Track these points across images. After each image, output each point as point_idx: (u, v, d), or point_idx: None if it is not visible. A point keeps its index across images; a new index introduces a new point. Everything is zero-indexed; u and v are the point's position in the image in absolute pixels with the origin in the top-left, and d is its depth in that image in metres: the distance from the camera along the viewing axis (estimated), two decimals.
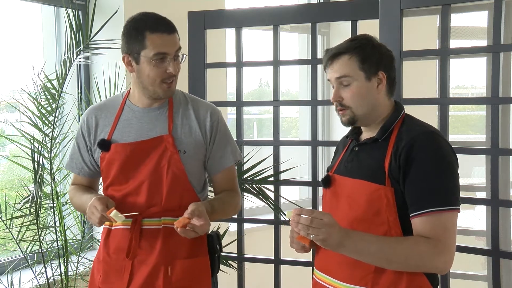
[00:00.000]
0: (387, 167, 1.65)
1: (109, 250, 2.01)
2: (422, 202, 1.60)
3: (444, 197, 1.61)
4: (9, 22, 3.23)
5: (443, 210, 1.59)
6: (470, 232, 3.47)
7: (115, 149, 1.98)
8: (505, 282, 2.54)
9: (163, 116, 2.00)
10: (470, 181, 5.99)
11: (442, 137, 1.69)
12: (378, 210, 1.65)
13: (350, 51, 1.70)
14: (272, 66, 2.95)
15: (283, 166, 3.03)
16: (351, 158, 1.78)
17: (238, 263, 3.03)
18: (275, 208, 2.94)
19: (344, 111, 1.74)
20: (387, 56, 1.75)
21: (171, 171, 1.94)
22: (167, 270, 1.94)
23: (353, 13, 2.76)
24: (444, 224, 1.60)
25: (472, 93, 7.42)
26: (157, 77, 1.91)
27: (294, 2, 4.27)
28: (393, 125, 1.73)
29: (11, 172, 3.35)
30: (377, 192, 1.65)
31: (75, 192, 2.10)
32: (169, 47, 1.90)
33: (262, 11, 2.97)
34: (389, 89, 1.76)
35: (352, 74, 1.70)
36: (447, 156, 1.64)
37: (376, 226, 1.65)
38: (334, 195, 1.78)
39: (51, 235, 2.94)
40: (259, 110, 5.24)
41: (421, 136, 1.65)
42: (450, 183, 1.62)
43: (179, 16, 3.00)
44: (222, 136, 2.05)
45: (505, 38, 2.47)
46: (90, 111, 2.09)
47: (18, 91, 3.04)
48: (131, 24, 1.92)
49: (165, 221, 1.94)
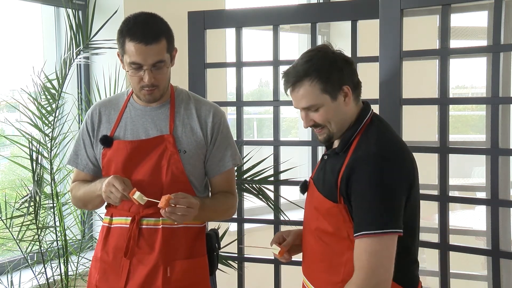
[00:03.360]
0: (338, 184, 1.65)
1: (108, 249, 2.00)
2: (358, 225, 1.60)
3: (378, 220, 1.56)
4: (9, 22, 3.23)
5: (375, 234, 1.56)
6: (470, 232, 3.48)
7: (117, 146, 1.97)
8: (505, 282, 2.53)
9: (165, 115, 1.99)
10: (470, 181, 5.99)
11: (386, 158, 1.62)
12: (337, 225, 1.66)
13: (309, 75, 1.65)
14: (272, 66, 2.96)
15: (283, 166, 3.03)
16: (321, 167, 1.79)
17: (238, 263, 3.03)
18: (275, 208, 2.94)
19: (321, 130, 1.73)
20: (346, 67, 1.69)
21: (171, 171, 1.94)
22: (166, 270, 1.94)
23: (353, 13, 2.76)
24: (373, 248, 1.56)
25: (472, 93, 7.42)
26: (136, 83, 1.90)
27: (294, 2, 4.27)
28: (353, 137, 1.70)
29: (11, 172, 3.35)
30: (333, 209, 1.67)
31: (79, 187, 2.07)
32: (144, 58, 1.83)
33: (262, 11, 2.97)
34: (356, 96, 1.73)
35: (317, 100, 1.67)
36: (386, 179, 1.59)
37: (339, 239, 1.67)
38: (309, 202, 1.81)
39: (51, 235, 2.94)
40: (259, 110, 5.24)
41: (363, 157, 1.62)
42: (386, 206, 1.58)
43: (179, 16, 3.01)
44: (224, 138, 2.04)
45: (505, 38, 2.47)
46: (95, 106, 2.09)
47: (18, 91, 3.04)
48: (121, 25, 1.90)
49: (164, 221, 1.94)
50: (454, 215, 4.83)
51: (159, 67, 1.87)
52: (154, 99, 1.95)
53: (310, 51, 1.72)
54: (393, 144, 1.68)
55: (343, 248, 1.66)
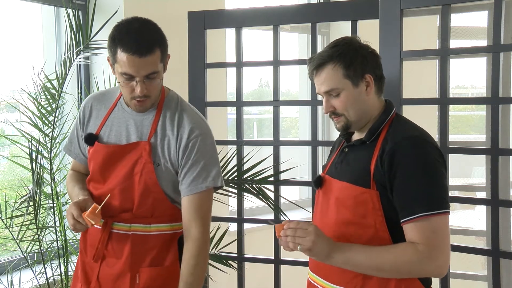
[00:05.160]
0: (372, 170, 1.65)
1: (86, 246, 2.00)
2: (409, 208, 1.60)
3: (431, 201, 1.60)
4: (9, 22, 3.23)
5: (431, 214, 1.59)
6: (470, 232, 3.48)
7: (96, 148, 1.96)
8: (505, 282, 2.53)
9: (149, 122, 1.93)
10: (470, 181, 5.99)
11: (426, 141, 1.67)
12: (364, 213, 1.65)
13: (333, 59, 1.68)
14: (272, 66, 2.95)
15: (283, 166, 3.03)
16: (341, 159, 1.79)
17: (238, 263, 3.03)
18: (275, 208, 2.94)
19: (338, 118, 1.73)
20: (371, 57, 1.72)
21: (143, 180, 1.88)
22: (134, 277, 1.90)
23: (353, 13, 2.76)
24: (433, 228, 1.59)
25: (472, 93, 7.42)
26: (127, 93, 1.85)
27: (294, 2, 4.27)
28: (381, 127, 1.72)
29: (11, 172, 3.35)
30: (363, 195, 1.66)
31: (70, 180, 2.07)
32: (137, 70, 1.77)
33: (262, 11, 2.97)
34: (378, 89, 1.75)
35: (339, 85, 1.68)
36: (431, 160, 1.63)
37: (363, 228, 1.66)
38: (325, 196, 1.79)
39: (51, 235, 2.94)
40: (259, 110, 5.24)
41: (403, 141, 1.64)
42: (436, 186, 1.61)
43: (179, 16, 3.02)
44: (197, 158, 1.89)
45: (505, 38, 2.47)
46: (89, 98, 2.07)
47: (18, 91, 3.04)
48: (113, 31, 1.81)
49: (134, 228, 1.91)
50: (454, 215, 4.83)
51: (151, 78, 1.81)
52: (145, 109, 1.91)
53: (337, 40, 1.76)
54: (424, 131, 1.72)
55: (365, 238, 1.65)
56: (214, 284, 3.16)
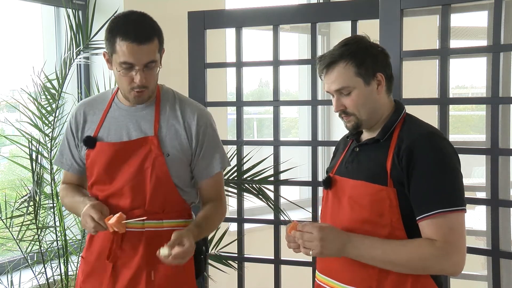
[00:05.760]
0: (389, 168, 1.64)
1: (93, 251, 1.99)
2: (427, 205, 1.59)
3: (449, 198, 1.59)
4: (9, 22, 3.23)
5: (448, 211, 1.58)
6: (470, 232, 3.46)
7: (100, 148, 1.95)
8: (505, 282, 2.53)
9: (150, 116, 1.95)
10: (470, 181, 5.99)
11: (443, 138, 1.69)
12: (381, 211, 1.64)
13: (344, 58, 1.67)
14: (272, 66, 2.95)
15: (283, 166, 3.03)
16: (352, 159, 1.77)
17: (238, 263, 3.03)
18: (275, 208, 2.94)
19: (348, 117, 1.73)
20: (381, 56, 1.73)
21: (155, 173, 1.91)
22: (150, 274, 1.91)
23: (353, 13, 2.76)
24: (450, 225, 1.58)
25: (472, 93, 7.43)
26: (126, 84, 1.86)
27: (294, 2, 4.27)
28: (395, 125, 1.72)
29: (11, 172, 3.35)
30: (380, 193, 1.64)
31: (66, 192, 2.06)
32: (137, 58, 1.80)
33: (262, 11, 2.97)
34: (388, 88, 1.75)
35: (350, 83, 1.68)
36: (449, 157, 1.63)
37: (379, 227, 1.64)
38: (335, 196, 1.77)
39: (51, 235, 2.94)
40: (259, 110, 5.25)
41: (421, 138, 1.64)
42: (453, 183, 1.61)
43: (179, 16, 3.02)
44: (210, 142, 2.00)
45: (505, 38, 2.46)
46: (79, 106, 2.06)
47: (18, 91, 3.04)
48: (110, 23, 1.85)
49: (148, 225, 1.92)
50: None
51: (150, 67, 1.84)
52: (143, 100, 1.92)
53: (346, 38, 1.75)
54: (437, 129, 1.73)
55: (381, 237, 1.63)
56: (214, 284, 3.16)
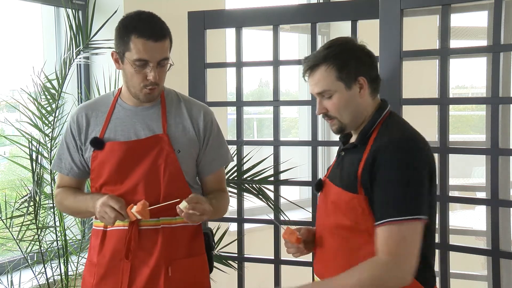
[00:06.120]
0: (359, 175, 1.63)
1: (105, 253, 1.98)
2: (381, 212, 1.57)
3: (404, 207, 1.55)
4: (9, 22, 3.23)
5: (401, 220, 1.54)
6: (470, 232, 3.48)
7: (111, 148, 1.95)
8: (505, 282, 2.54)
9: (156, 115, 1.98)
10: (470, 181, 6.00)
11: (414, 142, 1.63)
12: (355, 219, 1.64)
13: (327, 60, 1.66)
14: (272, 66, 2.96)
15: (283, 166, 3.03)
16: (337, 163, 1.79)
17: (238, 263, 3.03)
18: (275, 208, 2.94)
19: (332, 121, 1.73)
20: (366, 59, 1.70)
21: (168, 170, 1.93)
22: (167, 270, 1.94)
23: (353, 13, 2.76)
24: (400, 235, 1.54)
25: (472, 93, 7.44)
26: (138, 82, 1.88)
27: (294, 2, 4.27)
28: (372, 128, 1.69)
29: (11, 173, 3.35)
30: (352, 201, 1.64)
31: (65, 195, 2.05)
32: (152, 55, 1.84)
33: (262, 11, 2.98)
34: (373, 90, 1.72)
35: (331, 87, 1.67)
36: (412, 164, 1.58)
37: (357, 234, 1.65)
38: (324, 200, 1.79)
39: (51, 235, 2.94)
40: (259, 110, 5.25)
41: (389, 143, 1.61)
42: (412, 192, 1.56)
43: (179, 16, 3.01)
44: (215, 138, 2.06)
45: (505, 38, 2.47)
46: (80, 109, 2.05)
47: (18, 91, 3.04)
48: (122, 22, 1.89)
49: (163, 221, 1.94)
50: (454, 215, 4.84)
51: (163, 64, 1.88)
52: (153, 98, 1.94)
53: (332, 40, 1.74)
54: (415, 133, 1.69)
55: (360, 243, 1.64)
56: (214, 284, 3.14)
